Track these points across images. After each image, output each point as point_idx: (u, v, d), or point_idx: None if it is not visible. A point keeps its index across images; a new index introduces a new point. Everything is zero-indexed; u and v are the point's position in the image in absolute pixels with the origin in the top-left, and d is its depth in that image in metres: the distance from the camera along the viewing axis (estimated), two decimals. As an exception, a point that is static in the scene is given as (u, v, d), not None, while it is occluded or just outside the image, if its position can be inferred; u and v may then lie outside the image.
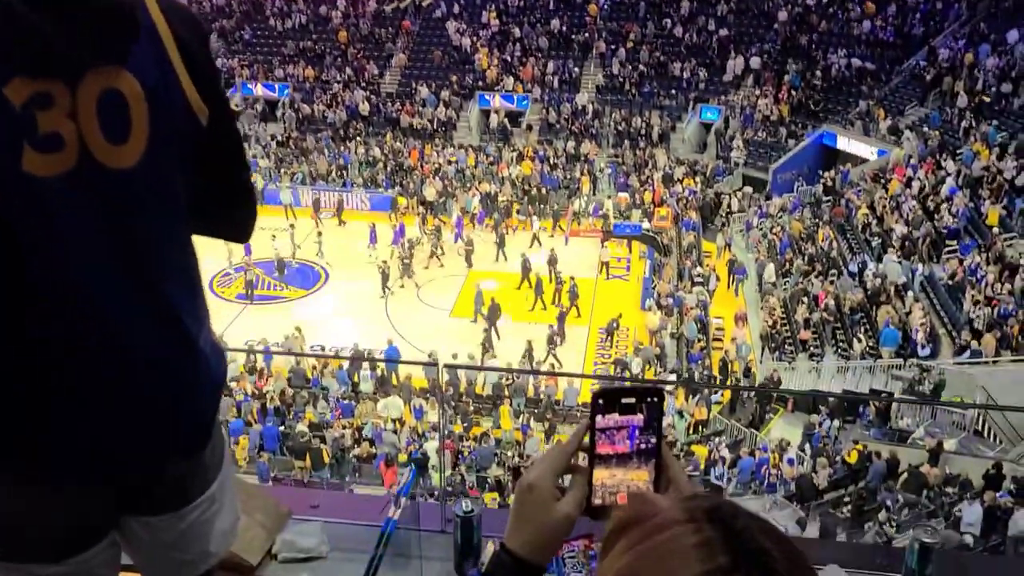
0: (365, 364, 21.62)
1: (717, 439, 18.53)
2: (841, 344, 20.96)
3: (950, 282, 20.88)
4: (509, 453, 18.23)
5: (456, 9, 38.94)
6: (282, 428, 18.92)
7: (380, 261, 26.02)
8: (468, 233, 28.14)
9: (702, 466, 17.15)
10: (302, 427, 18.92)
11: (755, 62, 35.01)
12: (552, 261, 25.98)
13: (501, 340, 23.00)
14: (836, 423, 18.48)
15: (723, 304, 24.95)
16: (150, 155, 1.52)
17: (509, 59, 37.10)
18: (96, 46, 1.46)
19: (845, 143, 30.73)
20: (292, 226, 28.35)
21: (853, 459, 16.17)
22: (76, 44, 1.43)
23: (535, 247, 27.67)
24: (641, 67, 36.13)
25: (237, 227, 1.81)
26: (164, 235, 1.60)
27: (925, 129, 28.38)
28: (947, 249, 22.33)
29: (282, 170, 33.17)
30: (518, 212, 30.12)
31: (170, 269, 1.61)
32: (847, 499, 15.45)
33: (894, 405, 18.48)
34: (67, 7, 1.42)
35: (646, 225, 28.58)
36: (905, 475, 15.01)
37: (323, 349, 22.51)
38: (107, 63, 1.47)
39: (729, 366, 21.04)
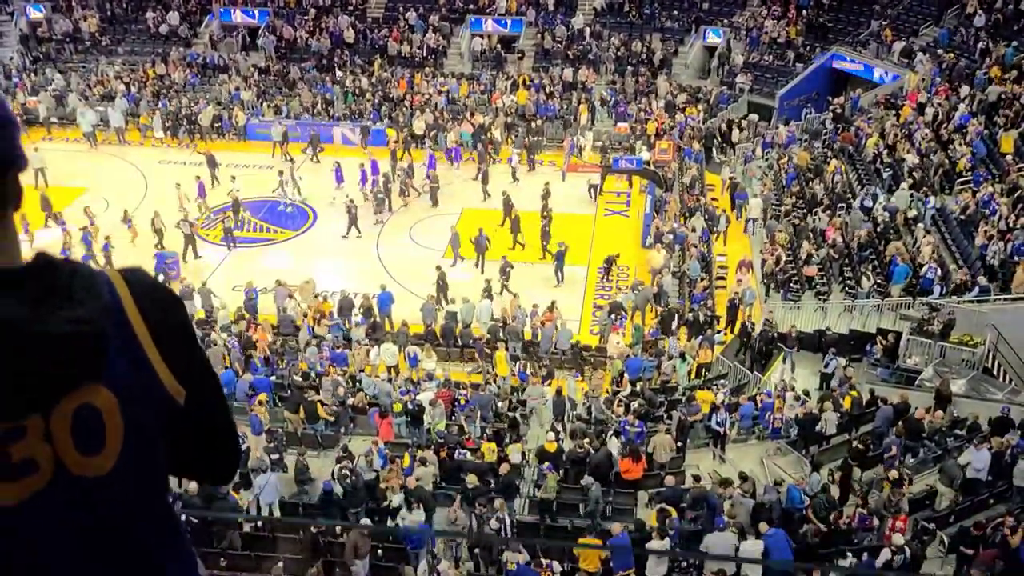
0: (356, 310, 21.75)
1: (720, 383, 18.76)
2: (848, 282, 21.09)
3: (963, 216, 20.97)
4: (502, 404, 18.46)
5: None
6: (273, 378, 19.12)
7: (347, 200, 26.00)
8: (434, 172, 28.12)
9: (705, 410, 17.40)
10: (296, 378, 19.25)
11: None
12: (545, 195, 26.05)
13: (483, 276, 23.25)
14: (843, 361, 18.73)
15: (729, 240, 25.12)
16: (126, 454, 1.56)
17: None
18: (67, 377, 1.48)
19: (855, 66, 30.49)
20: (292, 161, 28.76)
21: (847, 405, 16.43)
22: (47, 381, 1.46)
23: (516, 183, 27.87)
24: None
25: (219, 474, 1.84)
26: (145, 520, 1.64)
27: (939, 52, 28.18)
28: (960, 180, 22.36)
29: (264, 103, 32.95)
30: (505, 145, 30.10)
31: (154, 548, 1.65)
32: (855, 445, 15.71)
33: (902, 343, 18.69)
34: (31, 359, 1.44)
35: (646, 157, 28.45)
36: (900, 423, 15.31)
37: (315, 296, 22.58)
38: (79, 386, 1.50)
39: (739, 309, 21.17)
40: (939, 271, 19.56)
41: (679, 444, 16.32)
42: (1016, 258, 18.82)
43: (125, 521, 1.59)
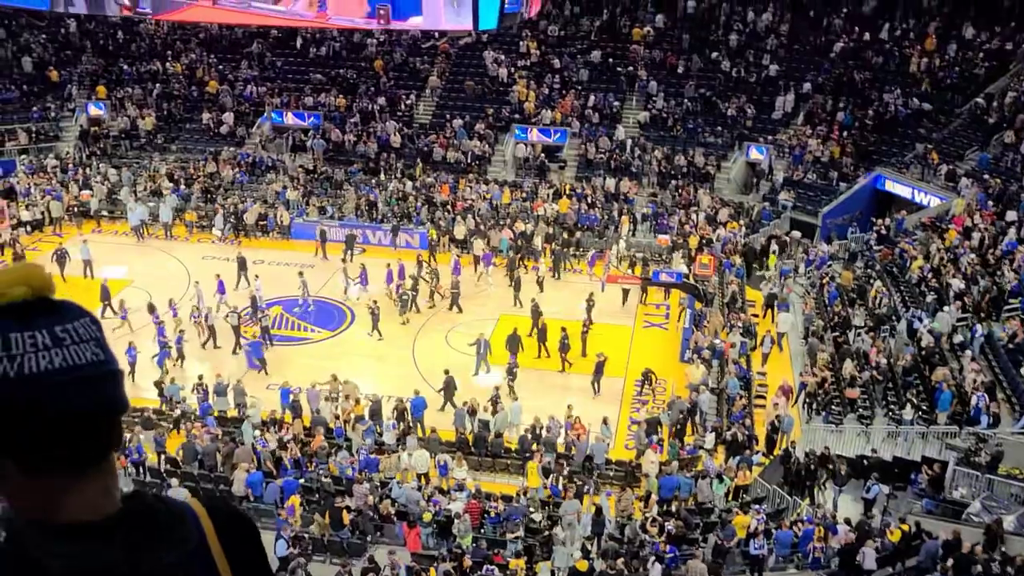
0: (386, 415, 21.61)
1: (758, 506, 18.27)
2: (892, 406, 20.65)
3: (1011, 344, 20.58)
4: (537, 517, 18.10)
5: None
6: (302, 481, 18.94)
7: (371, 302, 26.16)
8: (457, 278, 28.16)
9: (741, 535, 16.93)
10: (326, 480, 19.08)
11: (806, 100, 34.99)
12: (589, 306, 26.03)
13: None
14: (886, 489, 18.22)
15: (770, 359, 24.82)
16: None
17: (548, 91, 37.28)
18: None
19: (900, 188, 30.45)
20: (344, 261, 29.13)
21: (895, 537, 15.89)
22: None
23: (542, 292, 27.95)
24: (686, 102, 36.18)
25: None
26: None
27: (986, 176, 28.12)
28: (1008, 308, 22.01)
29: (310, 202, 33.45)
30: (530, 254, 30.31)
31: None
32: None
33: (948, 473, 18.18)
34: None
35: (686, 270, 28.39)
36: (950, 560, 14.72)
37: (347, 397, 22.50)
38: None
39: (778, 435, 20.76)
40: (986, 400, 19.10)
41: (715, 570, 15.82)
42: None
43: None
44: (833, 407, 21.44)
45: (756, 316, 26.78)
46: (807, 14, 38.02)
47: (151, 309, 25.19)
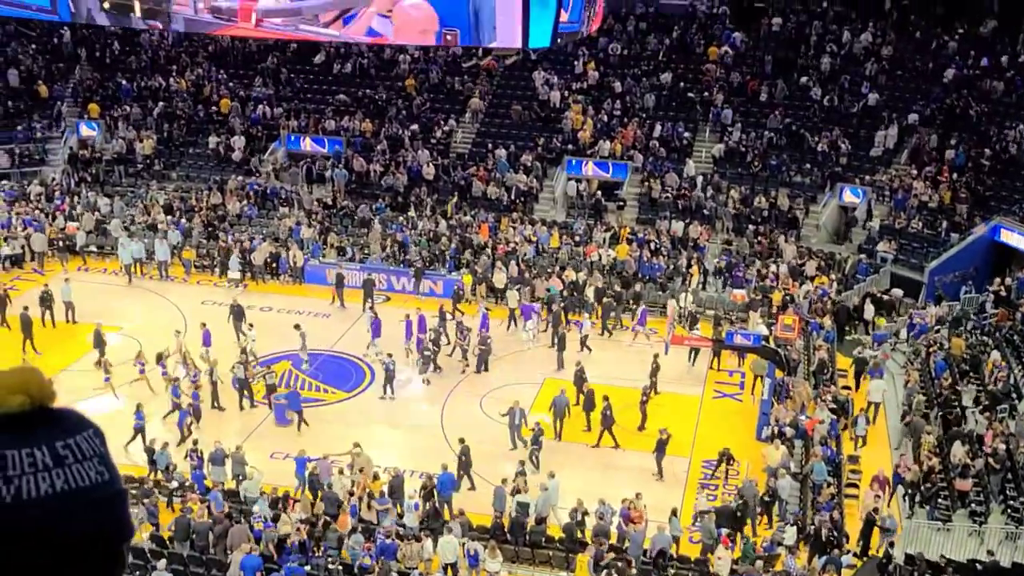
0: (408, 493, 21.44)
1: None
2: (1012, 502, 20.08)
3: None
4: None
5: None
6: (308, 568, 18.78)
7: (385, 355, 26.25)
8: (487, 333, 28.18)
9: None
10: (336, 567, 18.91)
11: (911, 135, 34.67)
12: (654, 371, 25.92)
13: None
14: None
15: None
16: None
17: (606, 119, 37.28)
18: None
19: (1022, 240, 29.89)
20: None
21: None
22: None
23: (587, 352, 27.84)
24: (768, 135, 36.00)
25: None
26: None
27: None
28: None
29: (327, 241, 33.57)
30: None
31: None
32: None
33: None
34: None
35: (766, 332, 28.05)
36: None
37: (360, 471, 22.36)
38: None
39: (875, 528, 20.22)
40: None
41: None
42: None
43: None
44: (940, 500, 20.87)
45: (847, 388, 26.33)
46: (913, 35, 37.71)
47: (160, 359, 25.51)
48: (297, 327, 27.45)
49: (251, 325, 27.77)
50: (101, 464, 1.65)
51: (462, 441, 22.43)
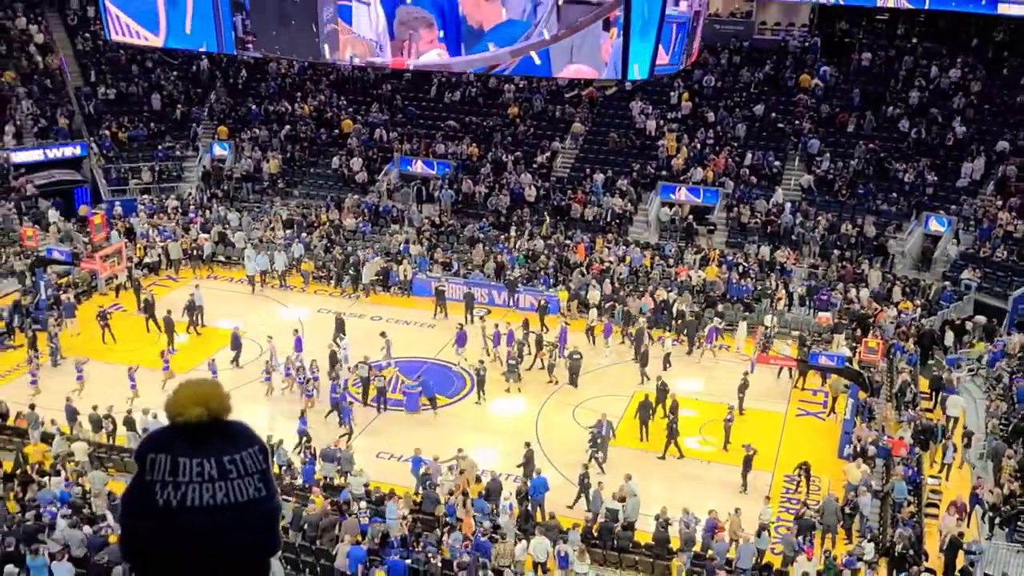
0: (504, 495, 21.41)
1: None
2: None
3: None
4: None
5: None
6: (409, 562, 18.80)
7: (477, 362, 26.49)
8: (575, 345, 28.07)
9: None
10: (435, 562, 18.92)
11: (998, 166, 33.75)
12: (743, 387, 25.69)
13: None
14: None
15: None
16: None
17: (699, 147, 37.04)
18: None
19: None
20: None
21: None
22: None
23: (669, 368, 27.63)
24: (856, 164, 35.38)
25: None
26: None
27: None
28: None
29: (434, 256, 33.82)
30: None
31: None
32: None
33: None
34: None
35: (849, 354, 27.45)
36: None
37: (461, 473, 22.39)
38: None
39: (959, 551, 19.49)
40: None
41: None
42: None
43: None
44: (1020, 523, 20.11)
45: (931, 411, 25.64)
46: (1001, 71, 36.74)
47: (314, 367, 26.09)
48: (383, 335, 27.79)
49: (342, 336, 28.11)
50: (261, 481, 1.76)
51: (527, 444, 22.56)
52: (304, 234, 35.08)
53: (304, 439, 23.14)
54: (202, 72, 42.73)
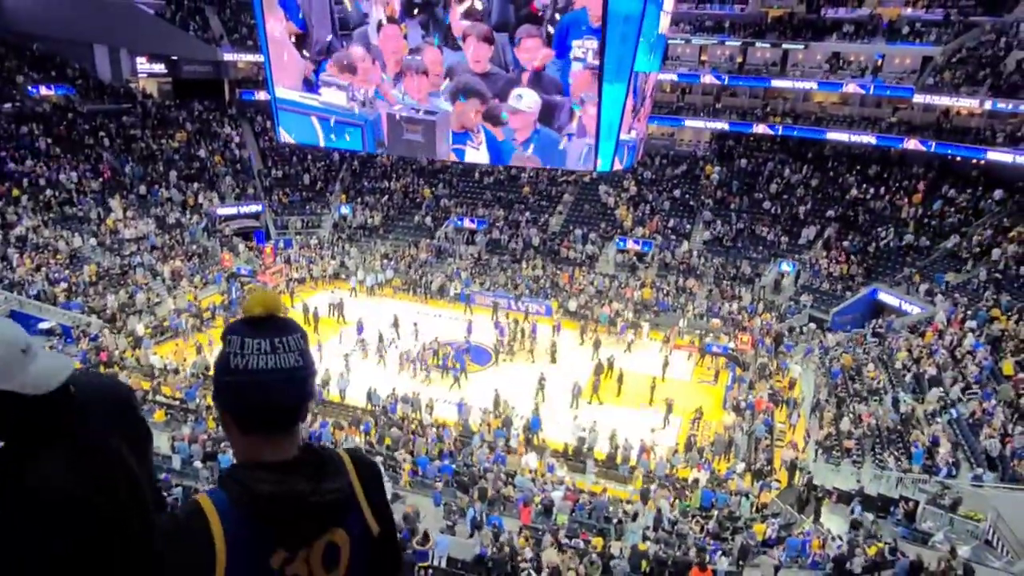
0: (514, 427, 21.56)
1: (774, 519, 17.36)
2: (879, 458, 19.40)
3: (971, 419, 19.12)
4: (616, 508, 17.62)
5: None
6: (455, 466, 19.06)
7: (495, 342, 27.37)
8: (553, 336, 28.24)
9: (760, 539, 16.09)
10: (473, 459, 19.17)
11: (823, 231, 33.81)
12: (664, 365, 25.86)
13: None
14: (871, 516, 17.04)
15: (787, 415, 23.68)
16: (351, 571, 1.71)
17: (640, 214, 37.15)
18: (325, 527, 1.67)
19: (890, 299, 28.92)
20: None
21: (872, 552, 14.79)
22: (313, 531, 1.65)
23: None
24: (737, 228, 35.45)
25: None
26: None
27: (955, 295, 26.48)
28: (970, 392, 20.50)
29: (475, 278, 34.14)
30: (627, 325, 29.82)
31: None
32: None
33: (919, 510, 16.90)
34: (311, 515, 1.62)
35: (731, 345, 27.64)
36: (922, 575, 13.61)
37: (490, 413, 22.57)
38: (329, 530, 1.68)
39: (797, 469, 19.72)
40: (950, 460, 17.75)
41: (740, 563, 15.06)
42: (1014, 458, 16.87)
43: None
44: (834, 453, 20.30)
45: (780, 381, 25.74)
46: (828, 172, 36.87)
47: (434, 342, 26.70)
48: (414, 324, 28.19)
49: (396, 324, 28.26)
50: (299, 356, 1.64)
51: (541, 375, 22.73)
52: (393, 262, 35.43)
53: (394, 389, 23.46)
54: (334, 161, 43.17)
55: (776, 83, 37.42)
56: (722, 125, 38.42)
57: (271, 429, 1.64)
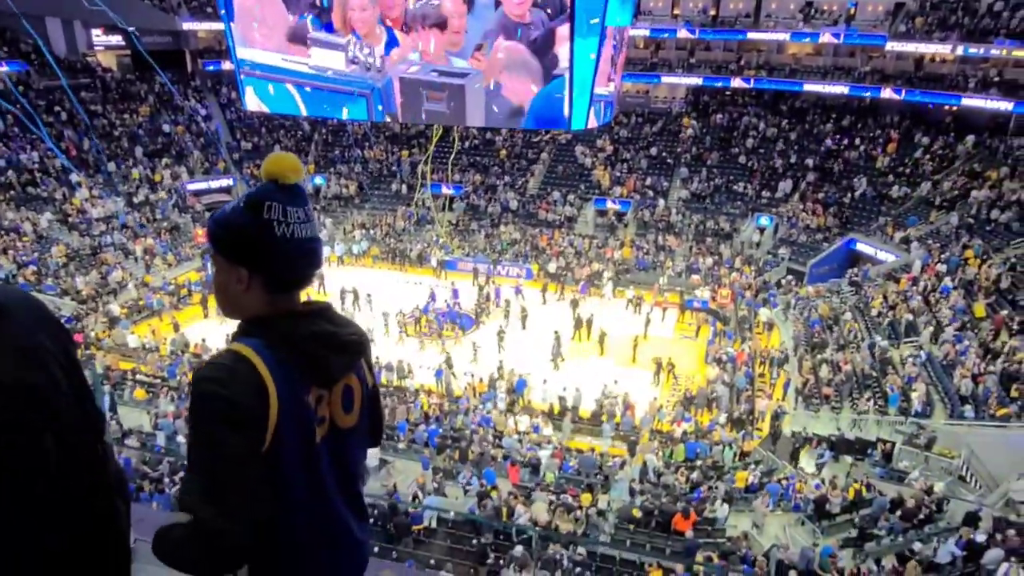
0: (500, 388, 21.86)
1: (756, 466, 17.94)
2: (856, 402, 20.02)
3: (944, 361, 19.76)
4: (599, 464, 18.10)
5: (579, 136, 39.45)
6: (440, 431, 19.36)
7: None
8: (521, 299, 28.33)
9: (742, 485, 16.65)
10: (458, 423, 19.46)
11: (800, 184, 34.20)
12: (647, 323, 26.16)
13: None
14: (849, 459, 17.67)
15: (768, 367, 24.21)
16: (361, 416, 1.89)
17: (618, 174, 37.27)
18: (346, 369, 1.82)
19: (867, 248, 29.47)
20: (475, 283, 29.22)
21: (851, 495, 15.40)
22: (344, 367, 1.80)
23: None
24: (714, 184, 35.71)
25: (379, 439, 2.10)
26: (360, 457, 1.94)
27: (928, 241, 27.07)
28: (943, 336, 21.13)
29: (453, 243, 34.18)
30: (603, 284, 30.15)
31: (360, 476, 1.93)
32: (855, 522, 14.74)
33: (896, 450, 17.54)
34: (342, 351, 1.78)
35: (711, 299, 28.07)
36: (900, 511, 14.24)
37: (472, 376, 22.85)
38: (348, 374, 1.84)
39: (779, 418, 20.27)
40: (925, 400, 18.39)
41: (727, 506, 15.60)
42: (987, 397, 17.53)
43: (354, 459, 1.90)
44: (813, 400, 20.89)
45: (760, 334, 26.27)
46: (805, 125, 37.14)
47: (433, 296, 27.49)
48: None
49: (369, 296, 28.24)
50: (314, 224, 1.76)
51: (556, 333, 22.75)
52: (370, 231, 35.32)
53: (377, 358, 23.57)
54: (305, 131, 42.65)
55: (751, 35, 37.40)
56: (697, 80, 38.42)
57: (297, 288, 1.77)
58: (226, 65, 41.46)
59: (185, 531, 1.53)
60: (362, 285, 29.88)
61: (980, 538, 12.37)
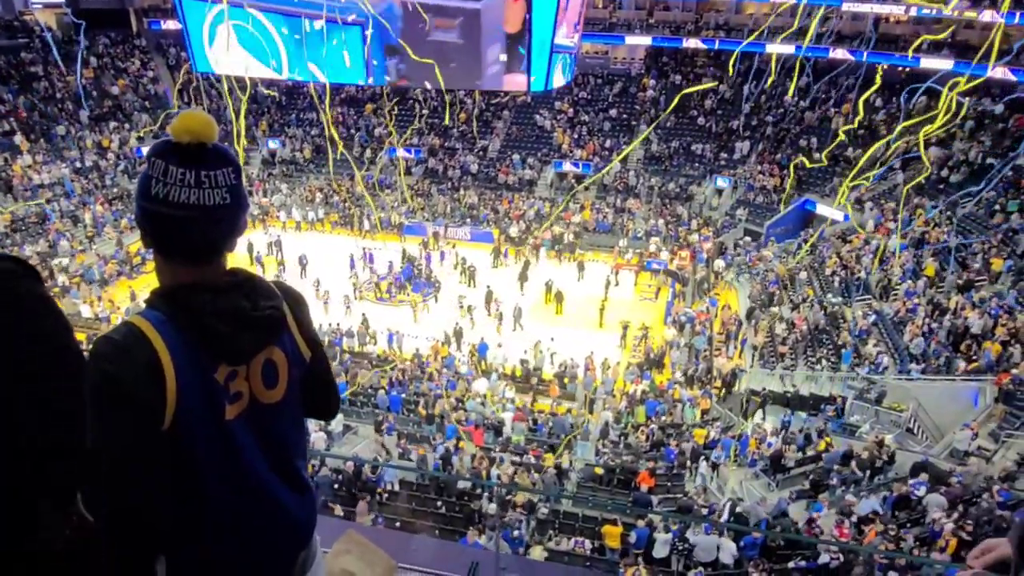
0: (463, 353, 21.84)
1: (715, 423, 18.29)
2: (810, 359, 20.47)
3: (895, 317, 20.27)
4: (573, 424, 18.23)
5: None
6: (403, 396, 19.31)
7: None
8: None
9: (701, 442, 16.96)
10: (423, 387, 19.43)
11: (757, 146, 34.39)
12: (607, 285, 26.26)
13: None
14: (803, 415, 18.11)
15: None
16: (288, 390, 1.77)
17: (577, 136, 37.05)
18: (264, 342, 1.71)
19: (822, 209, 29.89)
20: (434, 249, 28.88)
21: (822, 448, 15.80)
22: (254, 344, 1.68)
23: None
24: (673, 146, 35.72)
25: (327, 412, 1.99)
26: (294, 432, 1.82)
27: (881, 202, 27.55)
28: (894, 293, 21.64)
29: (414, 207, 33.77)
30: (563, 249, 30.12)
31: (297, 450, 1.82)
32: (808, 475, 15.14)
33: (848, 405, 18.03)
34: (252, 327, 1.65)
35: (670, 261, 28.27)
36: (855, 461, 14.67)
37: (435, 340, 22.77)
38: (267, 347, 1.72)
39: (737, 377, 20.61)
40: (875, 356, 18.87)
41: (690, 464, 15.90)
42: (933, 355, 18.05)
43: (284, 434, 1.80)
44: (768, 358, 21.30)
45: (718, 293, 26.61)
46: (762, 86, 37.14)
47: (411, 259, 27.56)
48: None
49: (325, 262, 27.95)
50: (227, 192, 1.58)
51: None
52: (329, 197, 34.69)
53: (338, 324, 23.37)
54: (259, 93, 41.34)
55: (708, -5, 37.13)
56: (647, 40, 38.07)
57: (193, 259, 1.62)
58: (170, 23, 39.79)
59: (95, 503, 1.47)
60: (319, 251, 29.45)
61: (920, 491, 12.80)
